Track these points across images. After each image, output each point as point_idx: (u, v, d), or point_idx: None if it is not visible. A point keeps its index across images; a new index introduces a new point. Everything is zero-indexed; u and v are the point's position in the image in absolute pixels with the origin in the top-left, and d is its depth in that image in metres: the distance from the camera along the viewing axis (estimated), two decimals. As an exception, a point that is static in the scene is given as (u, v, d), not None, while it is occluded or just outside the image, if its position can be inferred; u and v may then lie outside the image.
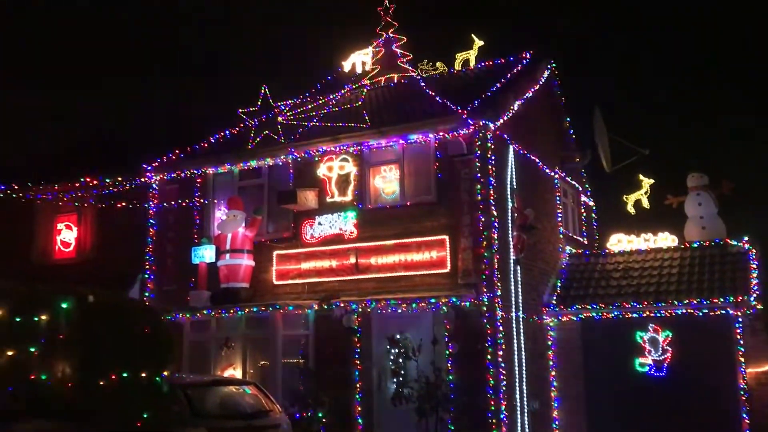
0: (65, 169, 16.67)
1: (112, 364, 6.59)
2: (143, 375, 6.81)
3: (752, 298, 13.17)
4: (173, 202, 14.97)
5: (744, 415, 12.90)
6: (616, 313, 14.16)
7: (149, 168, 15.45)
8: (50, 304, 6.58)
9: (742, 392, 12.99)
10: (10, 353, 6.42)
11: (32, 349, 6.47)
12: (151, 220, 15.48)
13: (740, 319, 13.26)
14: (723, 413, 13.00)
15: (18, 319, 6.48)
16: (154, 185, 15.59)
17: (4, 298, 6.71)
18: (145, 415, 6.71)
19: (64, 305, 6.57)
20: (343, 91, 16.27)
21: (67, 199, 15.29)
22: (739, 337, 13.21)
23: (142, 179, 15.30)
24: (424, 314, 12.82)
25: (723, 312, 13.34)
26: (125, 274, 15.12)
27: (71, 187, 15.46)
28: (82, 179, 15.08)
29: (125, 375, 6.60)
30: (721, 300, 13.30)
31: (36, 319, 6.49)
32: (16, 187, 12.70)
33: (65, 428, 6.30)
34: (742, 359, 13.10)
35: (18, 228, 16.65)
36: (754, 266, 13.90)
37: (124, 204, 14.50)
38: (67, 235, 16.85)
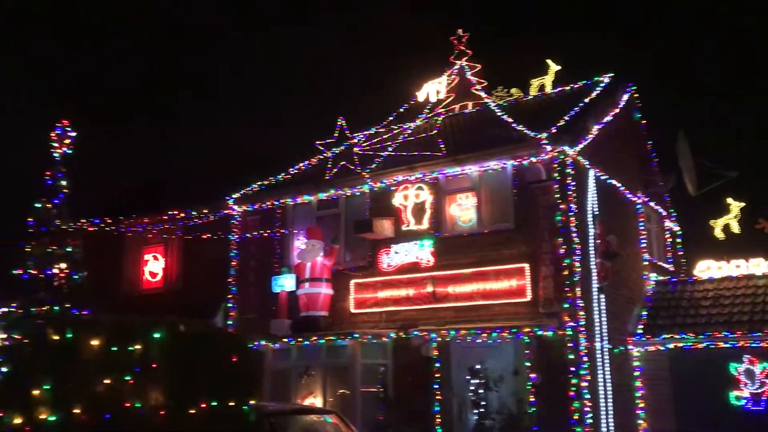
0: (153, 204, 17.40)
1: (202, 392, 6.73)
2: (231, 403, 6.94)
3: None
4: (255, 233, 15.37)
5: None
6: (707, 344, 13.52)
7: (232, 200, 15.93)
8: (143, 334, 6.81)
9: None
10: (106, 381, 6.66)
11: (127, 378, 6.68)
12: (234, 251, 15.92)
13: None
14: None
15: (114, 349, 6.73)
16: (236, 216, 16.06)
17: (100, 329, 6.99)
18: (233, 444, 6.82)
19: (156, 335, 6.78)
20: (417, 121, 16.39)
21: (156, 231, 15.96)
22: None
23: (225, 211, 15.80)
24: (505, 344, 12.61)
25: (826, 342, 12.52)
26: (209, 303, 15.57)
27: (159, 219, 16.13)
28: (169, 212, 15.70)
29: (214, 404, 6.74)
30: (824, 330, 12.50)
31: (130, 348, 6.72)
32: (108, 221, 13.33)
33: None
34: None
35: (108, 261, 17.43)
36: None
37: (208, 235, 14.98)
38: (154, 266, 17.53)
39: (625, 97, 15.83)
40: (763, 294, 14.15)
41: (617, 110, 15.21)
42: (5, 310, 9.49)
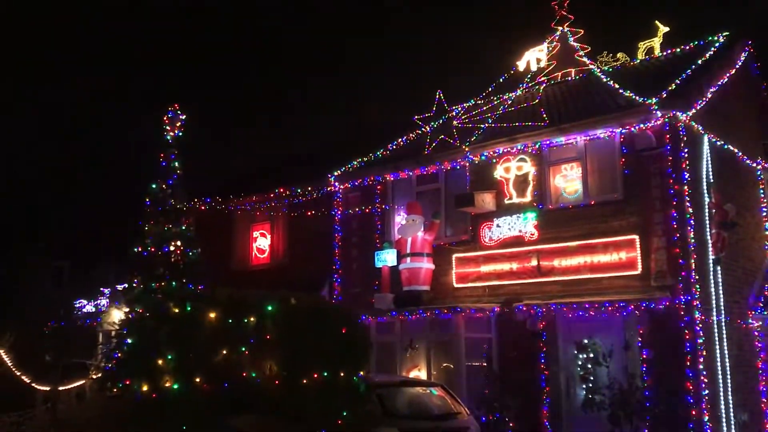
0: (262, 184, 18.01)
1: (314, 363, 6.96)
2: (342, 374, 7.12)
3: None
4: (356, 209, 15.59)
5: None
6: (838, 317, 12.58)
7: (333, 177, 16.22)
8: (257, 307, 7.09)
9: None
10: (224, 352, 6.98)
11: (243, 349, 6.99)
12: (337, 227, 16.24)
13: None
14: None
15: (230, 321, 7.04)
16: (338, 193, 16.35)
17: (217, 303, 7.32)
18: (344, 414, 7.00)
19: (269, 308, 7.04)
20: (518, 90, 16.00)
21: (263, 209, 16.48)
22: None
23: (328, 188, 16.11)
24: (614, 318, 12.22)
25: None
26: (315, 278, 15.99)
27: (266, 197, 16.67)
28: (276, 190, 16.19)
29: (326, 374, 6.94)
30: None
31: (246, 321, 7.01)
32: (219, 199, 13.89)
33: (275, 424, 6.75)
34: None
35: (220, 239, 18.20)
36: None
37: (312, 212, 15.34)
38: (262, 242, 18.16)
39: (743, 56, 14.80)
40: None
41: (733, 71, 14.26)
42: (127, 285, 10.10)
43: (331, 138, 19.29)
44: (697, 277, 11.68)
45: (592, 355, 11.90)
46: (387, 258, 14.93)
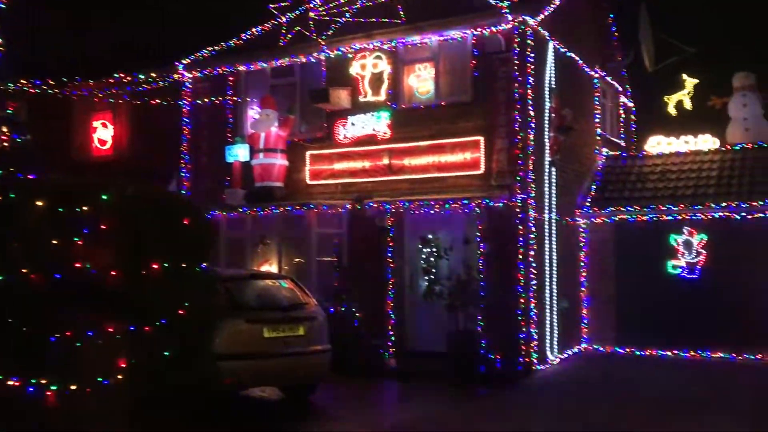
0: (100, 67, 16.65)
1: (154, 254, 6.77)
2: (184, 266, 7.00)
3: (793, 202, 12.91)
4: (206, 100, 14.95)
5: (774, 317, 12.95)
6: (650, 216, 14.06)
7: (182, 65, 15.36)
8: (91, 195, 6.72)
9: (774, 295, 12.97)
10: (54, 242, 6.62)
11: (76, 239, 6.65)
12: (185, 119, 15.55)
13: (779, 223, 13.07)
14: (756, 314, 13.04)
15: (61, 210, 6.64)
16: (187, 83, 15.55)
17: (44, 191, 6.86)
18: (187, 305, 6.95)
19: (104, 197, 6.70)
20: (376, -15, 15.67)
21: (102, 96, 15.34)
22: (776, 240, 13.06)
23: (175, 76, 15.25)
24: (457, 215, 12.87)
25: (762, 215, 13.13)
26: (161, 171, 15.37)
27: (105, 83, 15.51)
28: (116, 75, 15.08)
29: (166, 265, 6.79)
30: (761, 203, 13.08)
31: (78, 210, 6.63)
32: (51, 83, 12.75)
33: (112, 314, 6.59)
34: (777, 263, 13.00)
35: (56, 125, 16.86)
36: (798, 170, 13.53)
37: (157, 101, 14.52)
38: (103, 133, 17.07)
39: (590, -34, 15.37)
40: (707, 169, 14.61)
41: (581, -20, 14.81)
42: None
43: (180, 23, 18.04)
44: (533, 178, 12.48)
45: (434, 249, 12.57)
46: (239, 153, 14.60)
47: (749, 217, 13.23)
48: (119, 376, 6.55)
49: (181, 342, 6.90)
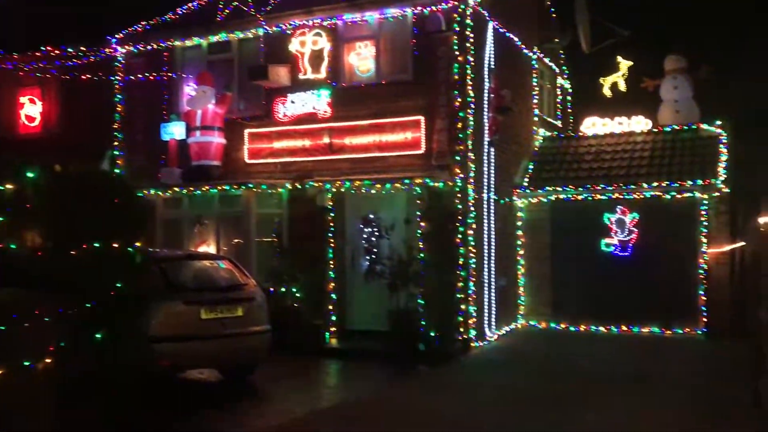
0: (25, 40, 15.91)
1: (83, 234, 6.54)
2: (115, 246, 6.80)
3: (719, 182, 13.43)
4: (141, 76, 14.49)
5: (700, 292, 13.50)
6: (585, 195, 14.40)
7: (114, 40, 14.82)
8: (16, 173, 6.44)
9: (700, 271, 13.51)
10: (-25, 222, 6.34)
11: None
12: (119, 95, 15.05)
13: (706, 202, 13.58)
14: (682, 290, 13.58)
15: (-18, 189, 6.35)
16: (120, 58, 15.03)
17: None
18: (119, 285, 6.76)
19: (30, 175, 6.43)
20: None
21: (28, 70, 14.68)
22: (703, 219, 13.58)
23: (107, 51, 14.71)
24: (398, 194, 12.91)
25: (690, 195, 13.63)
26: (93, 149, 14.85)
27: (32, 57, 14.84)
28: (43, 49, 14.44)
29: (97, 245, 6.58)
30: (689, 183, 13.56)
31: (1, 188, 6.35)
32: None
33: (39, 296, 6.36)
34: (704, 240, 13.53)
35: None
36: (724, 150, 14.07)
37: (89, 77, 13.99)
38: (31, 109, 16.37)
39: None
40: (640, 150, 15.03)
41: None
42: None
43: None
44: (473, 157, 12.59)
45: (376, 229, 12.59)
46: (174, 131, 14.24)
47: (678, 196, 13.70)
48: (47, 360, 6.33)
49: (112, 324, 6.72)
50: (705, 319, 13.45)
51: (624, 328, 14.01)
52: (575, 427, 7.85)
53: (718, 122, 14.72)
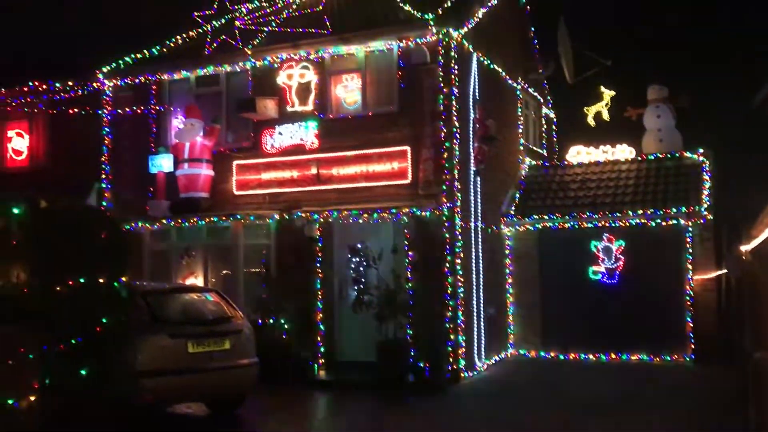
0: (13, 74, 15.98)
1: (69, 269, 6.53)
2: (101, 281, 6.78)
3: (703, 209, 13.58)
4: (128, 110, 14.56)
5: (688, 319, 13.56)
6: (572, 223, 14.51)
7: (102, 73, 14.91)
8: (1, 210, 6.44)
9: (687, 297, 13.59)
10: (-40, 258, 6.32)
11: (-17, 255, 6.36)
12: (106, 128, 15.09)
13: (690, 229, 13.71)
14: (669, 317, 13.64)
15: (-33, 225, 6.35)
16: (107, 92, 15.11)
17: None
18: (104, 321, 6.73)
19: (15, 210, 6.43)
20: (303, -5, 15.66)
21: (15, 104, 14.72)
22: (688, 245, 13.70)
23: (95, 85, 14.78)
24: (385, 224, 12.96)
25: (675, 222, 13.76)
26: (81, 183, 14.84)
27: (19, 92, 14.88)
28: (30, 84, 14.49)
29: (82, 281, 6.56)
30: (674, 210, 13.70)
31: (-14, 224, 6.36)
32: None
33: (23, 333, 6.31)
34: (690, 267, 13.63)
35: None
36: (707, 178, 14.26)
37: (76, 111, 14.04)
38: (18, 143, 16.37)
39: (512, -18, 15.79)
40: (625, 178, 15.20)
41: (503, -5, 15.19)
42: None
43: (101, 29, 17.52)
44: (459, 187, 12.68)
45: (363, 259, 12.60)
46: (162, 163, 14.27)
47: (663, 223, 13.83)
48: (31, 398, 6.27)
49: (97, 360, 6.67)
50: (693, 345, 13.50)
51: (613, 356, 14.02)
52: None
53: (701, 150, 14.93)
